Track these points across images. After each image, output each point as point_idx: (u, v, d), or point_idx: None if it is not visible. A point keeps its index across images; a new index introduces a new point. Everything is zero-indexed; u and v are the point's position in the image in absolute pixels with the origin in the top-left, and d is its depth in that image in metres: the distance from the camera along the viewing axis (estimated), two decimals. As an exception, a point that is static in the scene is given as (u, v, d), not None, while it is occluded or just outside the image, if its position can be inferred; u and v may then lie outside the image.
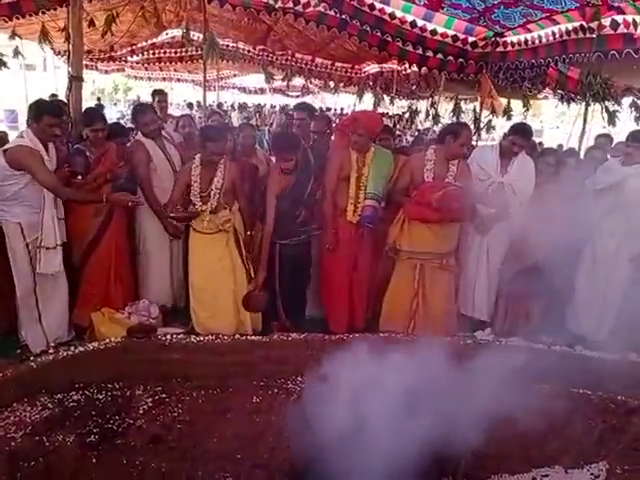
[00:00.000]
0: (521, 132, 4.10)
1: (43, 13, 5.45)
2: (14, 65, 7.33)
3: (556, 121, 27.29)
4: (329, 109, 17.03)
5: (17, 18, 5.43)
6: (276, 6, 5.20)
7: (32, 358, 2.77)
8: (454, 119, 9.11)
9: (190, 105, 16.26)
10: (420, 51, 5.35)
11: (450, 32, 5.00)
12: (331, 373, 2.73)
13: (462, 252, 4.20)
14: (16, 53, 7.09)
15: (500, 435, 2.89)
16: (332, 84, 12.31)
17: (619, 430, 2.95)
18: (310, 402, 2.69)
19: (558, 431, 2.92)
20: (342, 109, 18.12)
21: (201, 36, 6.96)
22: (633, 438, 2.91)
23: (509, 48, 5.48)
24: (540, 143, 9.32)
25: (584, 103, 6.71)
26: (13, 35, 6.74)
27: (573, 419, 2.96)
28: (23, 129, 3.70)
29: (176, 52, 10.12)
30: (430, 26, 4.93)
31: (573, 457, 2.93)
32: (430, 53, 5.38)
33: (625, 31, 4.52)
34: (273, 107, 17.29)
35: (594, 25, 4.58)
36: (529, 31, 5.15)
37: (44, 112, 3.50)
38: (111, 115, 16.03)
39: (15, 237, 3.58)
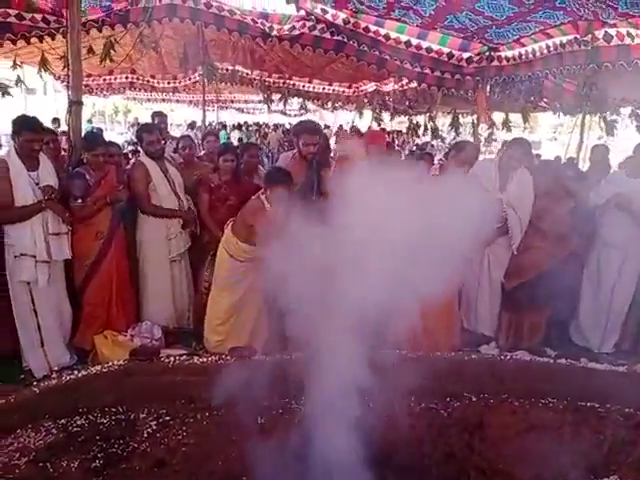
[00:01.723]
0: (519, 147, 4.13)
1: (40, 39, 5.52)
2: (15, 90, 7.41)
3: (553, 132, 27.44)
4: (327, 126, 17.15)
5: (12, 42, 5.48)
6: (272, 33, 5.27)
7: (35, 383, 2.75)
8: (453, 133, 9.19)
9: (192, 125, 16.35)
10: (418, 68, 5.42)
11: (445, 49, 5.06)
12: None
13: (463, 266, 4.20)
14: (19, 81, 7.17)
15: (508, 452, 2.87)
16: (330, 104, 12.42)
17: (628, 443, 2.91)
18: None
19: (567, 446, 2.88)
20: (341, 126, 18.25)
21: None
22: (643, 451, 2.88)
23: (504, 62, 5.55)
24: (538, 155, 9.38)
25: (581, 114, 6.77)
26: (14, 65, 6.83)
27: (581, 433, 2.93)
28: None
29: (169, 82, 10.27)
30: (425, 44, 5.00)
31: (583, 472, 2.89)
32: (427, 70, 5.44)
33: (619, 43, 4.57)
34: (268, 126, 17.42)
35: (588, 38, 4.64)
36: (523, 45, 5.22)
37: (22, 128, 3.55)
38: (112, 137, 16.19)
39: (9, 256, 3.63)
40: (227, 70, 9.23)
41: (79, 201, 3.79)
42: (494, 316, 4.28)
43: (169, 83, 10.25)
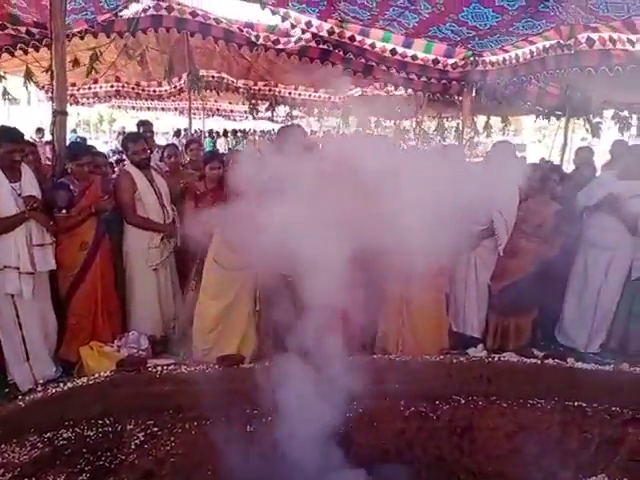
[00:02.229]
0: (503, 151, 4.16)
1: (25, 52, 5.50)
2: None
3: (537, 135, 27.69)
4: (314, 132, 17.15)
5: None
6: (258, 42, 5.30)
7: (20, 397, 2.71)
8: (439, 137, 9.25)
9: (177, 133, 16.30)
10: (404, 74, 5.47)
11: (430, 56, 5.11)
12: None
13: (450, 269, 4.22)
14: (4, 93, 7.12)
15: (497, 453, 2.88)
16: (316, 110, 12.45)
17: (615, 442, 2.93)
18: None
19: (555, 446, 2.90)
20: (328, 131, 18.24)
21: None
22: (630, 449, 2.90)
23: (489, 67, 5.61)
24: (522, 157, 9.46)
25: (564, 117, 6.85)
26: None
27: (569, 433, 2.95)
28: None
29: (155, 90, 10.23)
30: (410, 52, 5.05)
31: (572, 472, 2.90)
32: (414, 76, 5.49)
33: (601, 47, 4.63)
34: (255, 133, 17.39)
35: (571, 42, 4.70)
36: (506, 52, 5.28)
37: (2, 139, 3.53)
38: (97, 147, 16.09)
39: None
40: (213, 77, 9.22)
41: (63, 212, 3.76)
42: (481, 318, 4.29)
43: (154, 91, 10.21)
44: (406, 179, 2.86)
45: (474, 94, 6.17)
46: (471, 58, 5.63)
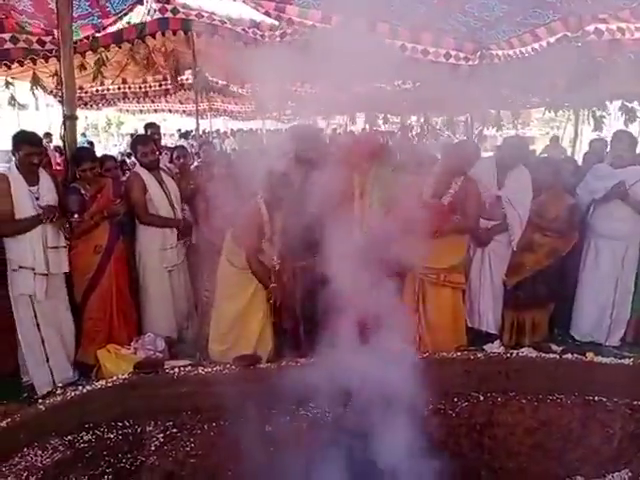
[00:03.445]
0: (516, 145, 4.13)
1: (34, 62, 5.55)
2: (6, 105, 7.40)
3: (546, 127, 27.50)
4: (322, 130, 17.11)
5: (7, 66, 5.52)
6: (265, 40, 5.29)
7: (40, 400, 2.73)
8: (448, 132, 9.21)
9: (185, 135, 16.29)
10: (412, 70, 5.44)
11: (442, 50, 5.08)
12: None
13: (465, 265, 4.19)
14: (12, 100, 7.17)
15: (518, 449, 2.86)
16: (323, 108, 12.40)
17: (638, 436, 2.91)
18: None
19: (577, 441, 2.88)
20: (335, 129, 18.23)
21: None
22: (653, 443, 2.88)
23: (496, 61, 5.57)
24: (533, 151, 9.40)
25: (572, 110, 6.79)
26: (7, 84, 6.82)
27: (590, 428, 2.93)
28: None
29: (161, 85, 10.19)
30: (420, 47, 5.01)
31: (594, 467, 2.88)
32: (422, 71, 5.46)
33: (610, 38, 4.59)
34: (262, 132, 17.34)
35: (578, 34, 4.66)
36: (512, 46, 5.25)
37: (22, 142, 3.58)
38: (106, 150, 16.20)
39: (9, 270, 3.62)
40: (217, 84, 9.25)
41: (76, 216, 3.78)
42: (497, 314, 4.26)
43: (160, 85, 10.15)
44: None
45: (482, 88, 6.14)
46: (481, 52, 5.60)
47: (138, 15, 6.23)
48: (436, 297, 3.90)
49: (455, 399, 2.98)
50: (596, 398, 2.92)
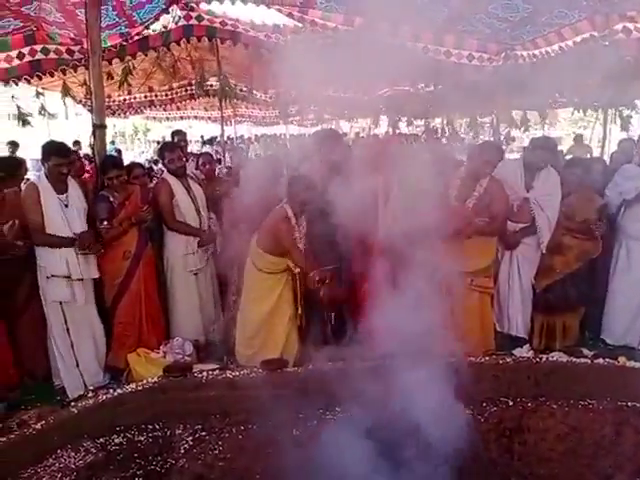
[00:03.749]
0: (545, 146, 4.07)
1: (64, 72, 5.69)
2: (37, 114, 7.59)
3: (573, 127, 27.03)
4: (345, 134, 17.12)
5: (38, 77, 5.67)
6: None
7: (73, 403, 2.78)
8: (471, 134, 9.12)
9: (210, 141, 16.44)
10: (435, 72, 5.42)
11: (465, 52, 5.04)
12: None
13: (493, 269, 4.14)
14: (42, 109, 7.35)
15: (549, 455, 2.81)
16: (346, 112, 12.42)
17: (673, 443, 2.83)
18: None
19: (609, 447, 2.81)
20: (358, 133, 18.21)
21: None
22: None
23: (520, 61, 5.51)
24: (561, 151, 9.25)
25: (600, 109, 6.67)
26: (37, 94, 7.00)
27: (624, 434, 2.86)
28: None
29: (187, 90, 10.32)
30: (443, 49, 4.99)
31: (628, 474, 2.81)
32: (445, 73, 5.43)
33: (638, 36, 4.50)
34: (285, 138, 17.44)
35: (605, 32, 4.58)
36: (537, 46, 5.18)
37: (51, 153, 3.69)
38: (134, 157, 16.49)
39: (41, 277, 3.73)
40: (241, 90, 9.35)
41: (105, 223, 3.87)
42: (526, 318, 4.20)
43: (186, 90, 10.28)
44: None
45: (507, 88, 6.08)
46: (505, 53, 5.55)
47: (164, 23, 6.34)
48: (464, 301, 3.86)
49: (484, 404, 2.95)
50: (629, 403, 2.86)
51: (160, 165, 6.78)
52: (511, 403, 2.94)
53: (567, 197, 4.07)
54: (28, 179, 4.19)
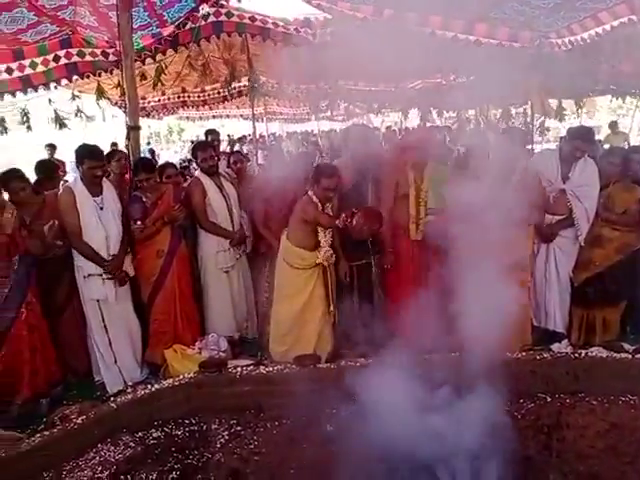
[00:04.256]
0: (582, 136, 3.95)
1: (99, 75, 5.83)
2: (76, 117, 7.80)
3: (613, 115, 26.20)
4: (377, 129, 17.02)
5: (68, 79, 5.82)
6: (315, 40, 5.32)
7: (112, 399, 2.86)
8: (504, 125, 8.92)
9: (240, 140, 16.56)
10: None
11: (494, 41, 4.94)
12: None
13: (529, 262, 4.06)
14: (78, 112, 7.55)
15: (588, 452, 2.74)
16: (376, 105, 12.34)
17: None
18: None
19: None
20: (389, 127, 18.07)
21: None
22: None
23: (555, 49, 5.36)
24: (599, 141, 8.98)
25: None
26: (73, 97, 7.19)
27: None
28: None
29: (219, 92, 10.43)
30: (472, 38, 4.90)
31: (673, 473, 2.72)
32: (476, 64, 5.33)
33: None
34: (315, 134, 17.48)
35: (645, 15, 4.42)
36: (573, 32, 5.03)
37: (84, 157, 3.77)
38: (168, 156, 16.77)
39: (79, 276, 3.85)
40: (272, 87, 9.39)
41: (139, 223, 3.95)
42: (565, 312, 4.10)
43: (219, 93, 10.39)
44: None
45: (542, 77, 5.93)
46: (537, 41, 5.41)
47: (194, 21, 6.41)
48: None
49: (521, 400, 2.90)
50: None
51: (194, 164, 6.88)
52: (549, 399, 2.88)
53: (606, 188, 3.95)
54: (67, 180, 4.30)
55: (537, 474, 2.74)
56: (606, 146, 8.22)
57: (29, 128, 6.96)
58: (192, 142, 16.45)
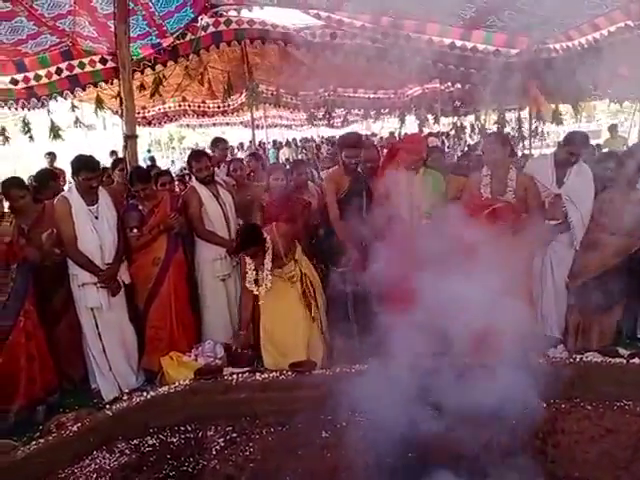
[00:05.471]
0: (576, 141, 3.96)
1: (100, 87, 5.90)
2: (77, 127, 7.86)
3: (612, 120, 26.19)
4: (375, 135, 17.06)
5: (70, 90, 5.89)
6: (315, 40, 5.36)
7: (108, 406, 2.86)
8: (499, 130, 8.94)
9: (241, 145, 16.68)
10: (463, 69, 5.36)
11: (491, 48, 4.97)
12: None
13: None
14: (76, 121, 7.61)
15: (583, 457, 2.74)
16: (373, 112, 12.40)
17: None
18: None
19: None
20: (392, 132, 18.09)
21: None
22: None
23: (553, 54, 5.39)
24: (598, 145, 9.00)
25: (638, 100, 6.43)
26: (73, 107, 7.25)
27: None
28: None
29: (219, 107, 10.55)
30: (469, 44, 4.93)
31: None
32: (473, 70, 5.36)
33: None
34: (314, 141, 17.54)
35: (640, 20, 4.45)
36: (570, 38, 5.06)
37: (80, 168, 3.80)
38: (169, 164, 16.85)
39: (74, 285, 3.87)
40: (272, 95, 9.47)
41: (135, 231, 3.98)
42: (561, 317, 4.10)
43: (218, 107, 10.50)
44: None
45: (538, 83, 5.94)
46: (535, 47, 5.43)
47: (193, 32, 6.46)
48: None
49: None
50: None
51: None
52: (544, 405, 2.88)
53: (601, 192, 3.96)
54: (69, 189, 4.33)
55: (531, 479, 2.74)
56: (604, 150, 8.23)
57: (31, 138, 7.00)
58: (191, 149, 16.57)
